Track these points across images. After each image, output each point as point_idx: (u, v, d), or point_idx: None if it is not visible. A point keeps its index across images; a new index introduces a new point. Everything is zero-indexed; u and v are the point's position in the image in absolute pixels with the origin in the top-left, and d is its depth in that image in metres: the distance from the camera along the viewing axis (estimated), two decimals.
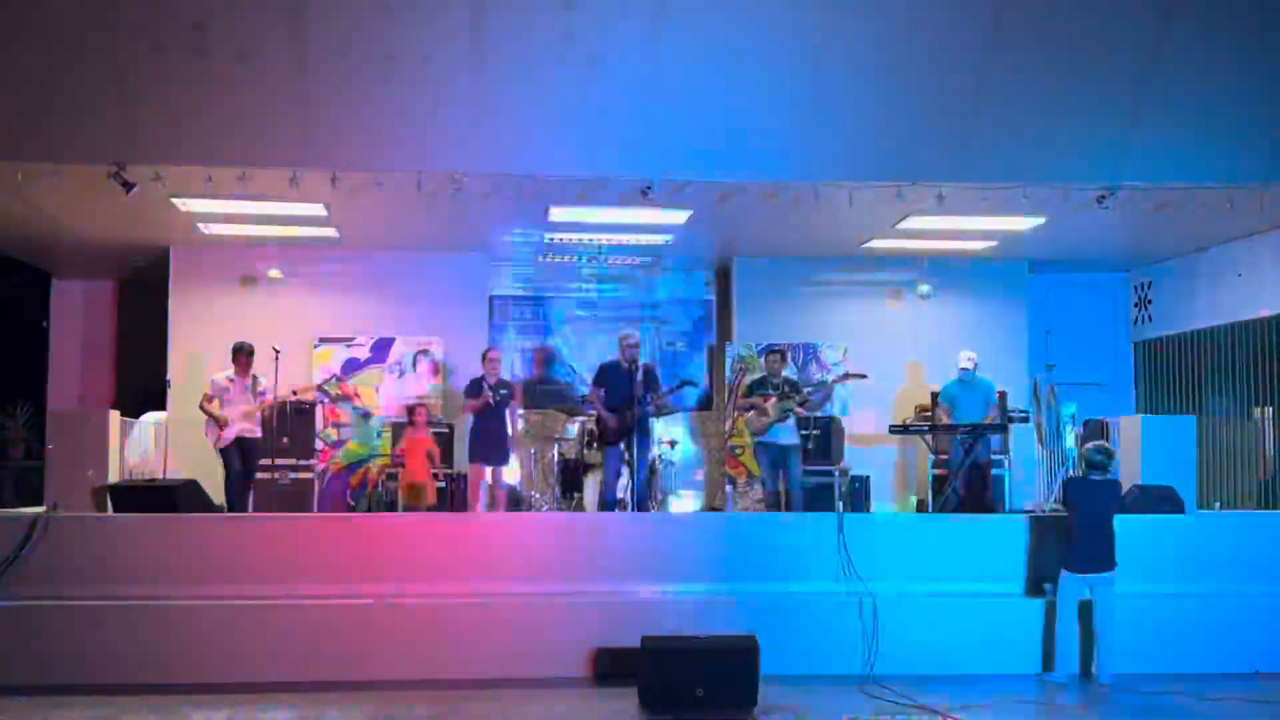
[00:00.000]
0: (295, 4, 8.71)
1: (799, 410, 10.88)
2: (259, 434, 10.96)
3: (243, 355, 10.81)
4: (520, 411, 13.91)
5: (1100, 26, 9.19)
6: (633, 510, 10.28)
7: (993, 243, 13.12)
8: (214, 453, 10.76)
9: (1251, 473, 13.01)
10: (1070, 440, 13.15)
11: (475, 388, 11.27)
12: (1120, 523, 8.12)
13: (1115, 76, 9.44)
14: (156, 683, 7.61)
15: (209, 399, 10.67)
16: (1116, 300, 15.28)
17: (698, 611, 8.10)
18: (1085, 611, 8.15)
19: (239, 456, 10.69)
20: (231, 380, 10.75)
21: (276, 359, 10.89)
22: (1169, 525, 8.97)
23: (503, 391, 11.30)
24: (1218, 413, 13.58)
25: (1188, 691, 7.62)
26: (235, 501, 10.58)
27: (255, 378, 10.82)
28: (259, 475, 11.18)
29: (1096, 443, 8.73)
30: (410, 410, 12.05)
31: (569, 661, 7.98)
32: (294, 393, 11.58)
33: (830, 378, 12.69)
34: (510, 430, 11.46)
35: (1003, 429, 12.10)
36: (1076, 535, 8.15)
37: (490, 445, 11.23)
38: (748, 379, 12.63)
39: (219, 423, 10.59)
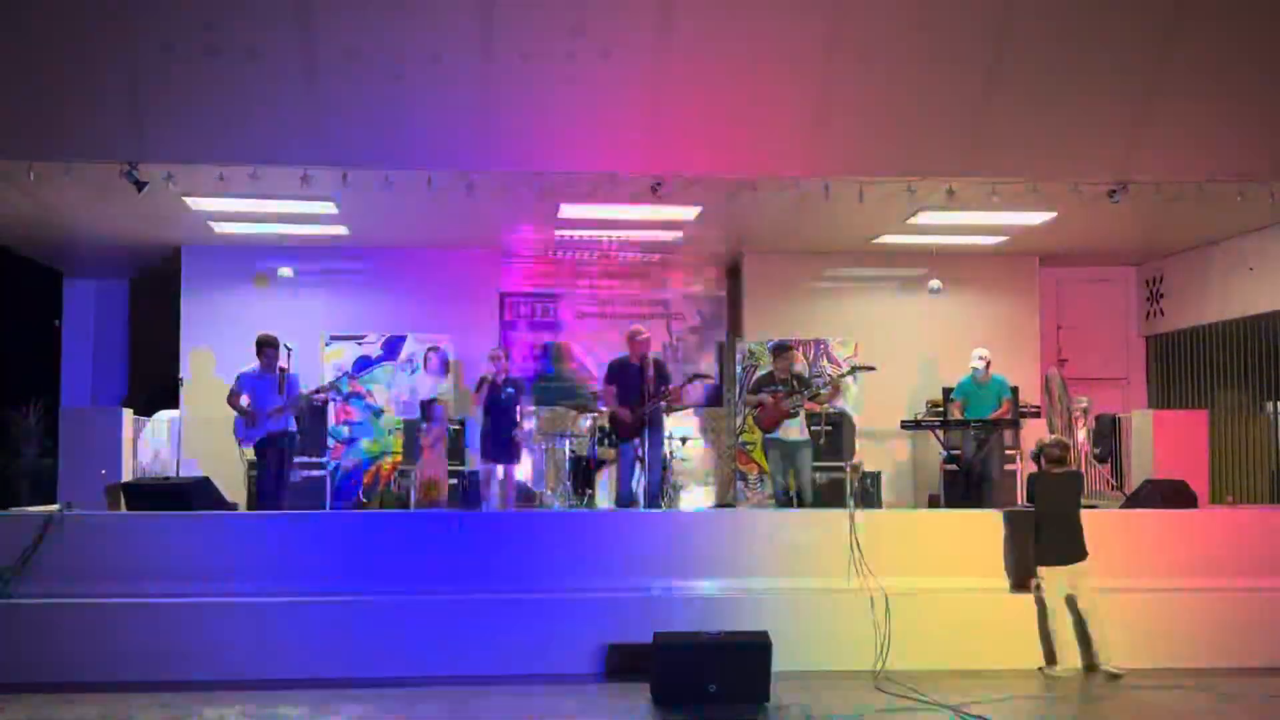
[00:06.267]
0: (305, 2, 8.73)
1: (809, 405, 10.81)
2: (292, 429, 10.42)
3: (267, 348, 10.27)
4: (531, 408, 13.94)
5: (1110, 20, 9.17)
6: (645, 507, 10.28)
7: (1003, 238, 13.09)
8: (227, 450, 10.68)
9: (1264, 467, 12.97)
10: (1082, 435, 13.12)
11: (480, 385, 11.30)
12: (1132, 518, 8.10)
13: (1126, 70, 9.40)
14: (169, 680, 7.64)
15: (235, 394, 10.19)
16: (1128, 295, 15.24)
17: (710, 608, 8.11)
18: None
19: (273, 453, 10.15)
20: (259, 376, 10.25)
21: (289, 357, 10.89)
22: (1181, 520, 8.95)
23: (509, 390, 11.25)
24: (1230, 407, 13.53)
25: (1198, 687, 7.61)
26: (267, 501, 10.09)
27: (283, 370, 10.29)
28: None
29: (1054, 437, 8.88)
30: (425, 405, 12.06)
31: (581, 658, 7.99)
32: (340, 389, 11.47)
33: (834, 371, 12.63)
34: (519, 428, 11.47)
35: (1014, 424, 12.06)
36: (1045, 530, 8.21)
37: (499, 444, 11.25)
38: (755, 374, 12.58)
39: (247, 419, 10.09)
